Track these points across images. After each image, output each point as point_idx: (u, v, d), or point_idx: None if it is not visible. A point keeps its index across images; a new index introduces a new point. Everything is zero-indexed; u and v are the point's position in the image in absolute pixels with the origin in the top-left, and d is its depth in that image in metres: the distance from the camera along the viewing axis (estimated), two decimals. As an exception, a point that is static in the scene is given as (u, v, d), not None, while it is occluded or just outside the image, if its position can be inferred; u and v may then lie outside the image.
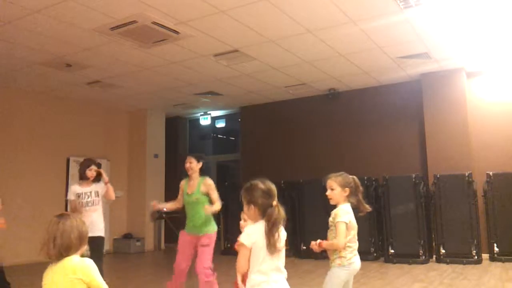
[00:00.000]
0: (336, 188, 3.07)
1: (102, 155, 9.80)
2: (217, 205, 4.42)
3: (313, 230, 8.23)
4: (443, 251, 7.19)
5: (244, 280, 2.48)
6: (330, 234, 3.04)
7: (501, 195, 7.16)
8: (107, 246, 9.60)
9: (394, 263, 7.28)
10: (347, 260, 2.93)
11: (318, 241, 2.99)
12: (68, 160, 9.11)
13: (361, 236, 8.38)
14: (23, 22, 5.35)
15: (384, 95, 8.68)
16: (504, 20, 5.76)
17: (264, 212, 2.41)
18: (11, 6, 4.91)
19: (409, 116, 8.40)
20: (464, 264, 6.90)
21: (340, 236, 2.90)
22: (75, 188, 4.78)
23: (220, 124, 11.50)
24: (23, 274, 7.27)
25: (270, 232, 2.37)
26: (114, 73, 7.58)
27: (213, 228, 4.50)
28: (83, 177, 4.82)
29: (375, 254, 7.70)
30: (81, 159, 9.08)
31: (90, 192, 4.78)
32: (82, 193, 4.74)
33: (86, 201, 4.73)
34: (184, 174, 4.72)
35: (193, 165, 4.53)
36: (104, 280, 2.19)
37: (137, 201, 10.25)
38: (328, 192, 3.11)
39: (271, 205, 2.44)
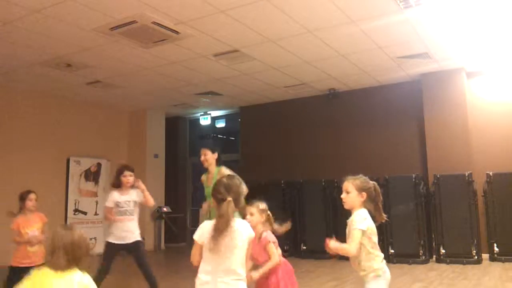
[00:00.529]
0: (352, 192, 2.80)
1: (102, 155, 9.81)
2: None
3: (313, 230, 8.24)
4: (443, 251, 7.19)
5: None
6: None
7: (501, 195, 7.16)
8: (107, 246, 9.60)
9: (394, 263, 7.28)
10: (381, 269, 2.73)
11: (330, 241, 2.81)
12: (68, 160, 9.11)
13: (361, 236, 8.30)
14: (23, 22, 5.35)
15: (384, 95, 8.67)
16: (504, 20, 5.76)
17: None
18: (11, 6, 4.91)
19: (409, 116, 8.40)
20: (464, 264, 6.90)
21: (353, 242, 2.71)
22: (115, 196, 4.67)
23: (220, 124, 11.50)
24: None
25: (214, 230, 2.25)
26: (114, 73, 7.58)
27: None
28: (118, 185, 4.71)
29: (375, 254, 7.69)
30: (81, 159, 9.22)
31: (129, 202, 4.65)
32: (121, 202, 4.63)
33: (124, 210, 4.62)
34: (202, 171, 4.63)
35: (208, 156, 4.45)
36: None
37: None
38: (343, 195, 2.86)
39: (224, 200, 2.31)
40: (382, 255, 2.77)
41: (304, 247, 8.16)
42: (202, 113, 11.04)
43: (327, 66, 7.45)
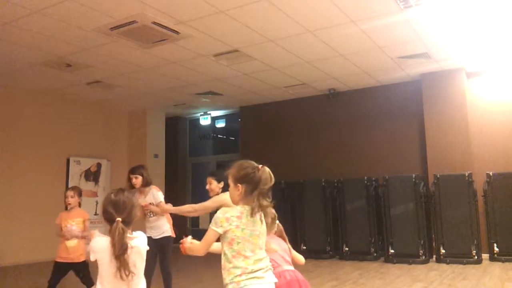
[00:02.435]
0: (230, 184, 2.23)
1: (102, 155, 9.81)
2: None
3: (313, 230, 8.25)
4: (443, 251, 7.19)
5: None
6: None
7: (501, 195, 7.16)
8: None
9: (394, 263, 7.28)
10: (234, 285, 2.07)
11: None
12: (68, 160, 9.11)
13: (361, 236, 8.40)
14: (23, 22, 5.35)
15: (384, 95, 8.67)
16: (504, 20, 5.76)
17: None
18: (11, 6, 4.91)
19: (409, 116, 8.39)
20: (464, 264, 6.90)
21: (203, 241, 2.19)
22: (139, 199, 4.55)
23: (220, 124, 11.50)
24: (25, 274, 7.27)
25: (113, 257, 2.04)
26: (114, 73, 7.58)
27: None
28: (131, 188, 4.60)
29: (375, 254, 7.70)
30: (81, 159, 9.22)
31: (152, 204, 4.61)
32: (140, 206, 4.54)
33: (148, 213, 4.63)
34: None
35: (213, 186, 4.25)
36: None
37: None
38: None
39: (113, 221, 2.10)
40: (246, 268, 2.07)
41: (304, 247, 8.16)
42: (202, 113, 11.04)
43: (327, 66, 7.45)
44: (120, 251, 2.00)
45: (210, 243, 2.15)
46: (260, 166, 2.17)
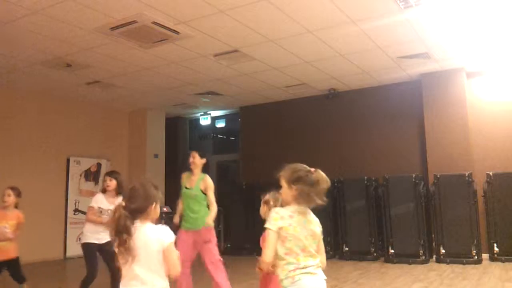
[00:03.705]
0: (283, 185, 2.36)
1: (102, 155, 9.81)
2: (213, 209, 4.44)
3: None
4: (443, 251, 7.19)
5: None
6: None
7: (501, 195, 7.16)
8: (107, 246, 9.60)
9: (394, 263, 7.28)
10: (289, 280, 2.18)
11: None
12: (68, 160, 9.11)
13: (361, 236, 8.39)
14: (23, 22, 5.35)
15: (384, 95, 8.67)
16: (504, 20, 5.76)
17: None
18: (11, 6, 4.91)
19: (409, 116, 8.39)
20: (464, 264, 6.90)
21: (267, 246, 2.19)
22: (99, 199, 4.61)
23: (220, 124, 11.50)
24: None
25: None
26: (114, 73, 7.58)
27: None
28: (103, 190, 4.67)
29: (375, 254, 7.70)
30: (81, 159, 9.22)
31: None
32: (104, 210, 4.56)
33: (106, 218, 4.51)
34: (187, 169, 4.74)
35: (196, 160, 4.57)
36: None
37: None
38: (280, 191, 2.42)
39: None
40: (299, 264, 2.17)
41: (304, 247, 8.16)
42: (202, 113, 11.04)
43: (327, 66, 7.45)
44: (116, 231, 2.11)
45: (274, 245, 2.18)
46: (313, 169, 2.31)
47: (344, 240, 7.99)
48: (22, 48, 6.25)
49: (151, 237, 2.16)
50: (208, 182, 4.55)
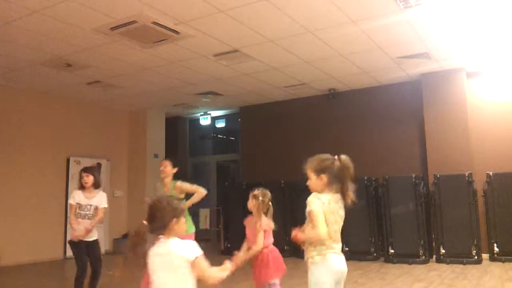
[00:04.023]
0: (311, 176, 2.50)
1: (102, 155, 9.81)
2: (198, 193, 4.46)
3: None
4: (443, 251, 7.19)
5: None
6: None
7: (501, 195, 7.16)
8: (107, 246, 9.61)
9: (394, 263, 7.28)
10: (319, 257, 2.43)
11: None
12: (68, 160, 9.11)
13: (361, 236, 8.38)
14: (23, 22, 5.35)
15: (384, 95, 8.67)
16: (504, 20, 5.76)
17: None
18: (11, 6, 4.91)
19: (409, 116, 8.40)
20: (464, 264, 6.90)
21: (319, 224, 2.36)
22: (77, 195, 4.70)
23: (220, 124, 11.50)
24: (25, 274, 7.26)
25: None
26: (114, 73, 7.58)
27: (189, 229, 4.48)
28: (80, 186, 4.77)
29: (375, 254, 7.70)
30: (81, 159, 9.22)
31: (91, 206, 4.71)
32: (82, 205, 4.67)
33: (85, 214, 4.68)
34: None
35: (168, 169, 4.53)
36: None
37: (137, 201, 10.25)
38: (308, 182, 2.55)
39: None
40: (330, 244, 2.40)
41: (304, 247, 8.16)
42: (202, 113, 11.04)
43: (327, 66, 7.45)
44: (128, 249, 2.16)
45: (324, 221, 2.34)
46: (336, 156, 2.46)
47: (344, 240, 7.92)
48: (22, 48, 6.25)
49: (174, 253, 2.13)
50: (179, 185, 4.49)
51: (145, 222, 2.22)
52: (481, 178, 7.40)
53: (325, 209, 2.35)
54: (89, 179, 4.68)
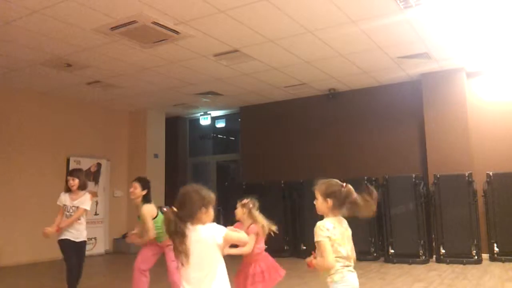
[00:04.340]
0: (318, 198, 2.66)
1: (102, 155, 9.81)
2: (148, 235, 4.42)
3: (313, 230, 8.23)
4: (443, 251, 7.19)
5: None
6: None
7: (501, 195, 7.16)
8: (107, 246, 9.61)
9: (394, 263, 7.28)
10: (337, 276, 2.56)
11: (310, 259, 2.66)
12: (68, 160, 9.11)
13: (361, 236, 8.39)
14: (23, 22, 5.35)
15: (384, 95, 8.68)
16: (504, 20, 5.76)
17: None
18: (11, 6, 4.91)
19: (409, 116, 8.40)
20: (464, 264, 6.90)
21: (326, 253, 2.52)
22: (63, 198, 4.85)
23: (220, 124, 11.50)
24: (25, 274, 7.26)
25: None
26: (114, 73, 7.58)
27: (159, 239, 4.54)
28: (67, 189, 4.89)
29: (375, 254, 7.70)
30: (81, 159, 9.22)
31: (75, 208, 4.82)
32: (68, 207, 4.81)
33: (70, 215, 4.79)
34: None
35: (137, 191, 4.47)
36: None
37: (137, 201, 10.24)
38: (315, 201, 2.70)
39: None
40: (345, 262, 2.58)
41: (304, 247, 8.15)
42: (202, 113, 11.04)
43: (327, 66, 7.46)
44: (168, 233, 2.24)
45: (331, 250, 2.51)
46: (344, 184, 2.67)
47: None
48: (22, 48, 6.25)
49: (203, 236, 2.25)
50: (143, 213, 4.45)
51: (174, 208, 2.28)
52: (481, 178, 7.40)
53: (332, 234, 2.55)
54: (75, 182, 4.82)
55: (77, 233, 4.79)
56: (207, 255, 2.24)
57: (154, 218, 4.47)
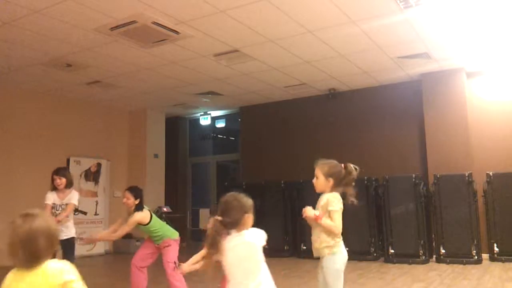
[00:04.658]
0: (320, 177, 2.97)
1: (102, 155, 9.81)
2: (120, 233, 4.62)
3: (312, 231, 8.23)
4: (443, 251, 7.19)
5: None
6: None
7: (501, 195, 7.16)
8: (107, 246, 9.61)
9: (394, 263, 7.28)
10: (337, 247, 2.94)
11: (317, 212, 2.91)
12: (68, 160, 9.10)
13: (361, 236, 8.38)
14: (23, 22, 5.35)
15: (384, 95, 8.67)
16: (504, 20, 5.76)
17: None
18: (11, 6, 4.91)
19: (409, 116, 8.39)
20: (464, 264, 6.90)
21: (338, 222, 2.89)
22: (51, 197, 4.90)
23: (220, 124, 11.50)
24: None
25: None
26: (114, 73, 7.58)
27: (173, 235, 4.70)
28: (52, 188, 4.94)
29: (375, 254, 7.70)
30: (81, 159, 9.22)
31: (65, 205, 4.89)
32: (56, 205, 4.87)
33: (58, 213, 4.83)
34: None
35: (130, 201, 4.53)
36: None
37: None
38: (314, 180, 3.00)
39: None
40: (341, 237, 2.95)
41: (304, 247, 8.15)
42: (202, 113, 11.04)
43: (327, 66, 7.45)
44: (208, 246, 2.27)
45: (341, 222, 2.86)
46: (344, 164, 2.96)
47: (344, 240, 7.96)
48: (22, 48, 6.25)
49: (252, 243, 2.29)
50: (134, 218, 4.55)
51: (218, 218, 2.31)
52: (481, 178, 7.40)
53: (342, 205, 2.87)
54: (62, 181, 4.89)
55: (67, 230, 4.84)
56: (252, 257, 2.29)
57: (148, 223, 4.55)
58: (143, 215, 4.52)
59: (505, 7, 5.36)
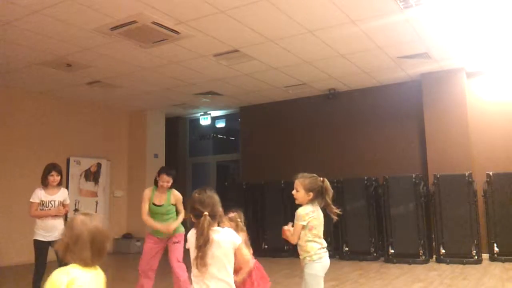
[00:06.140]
0: (300, 191, 3.11)
1: (102, 155, 9.81)
2: (182, 215, 4.69)
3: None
4: (443, 251, 7.19)
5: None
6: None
7: (501, 195, 7.16)
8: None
9: (394, 263, 7.28)
10: (316, 255, 3.07)
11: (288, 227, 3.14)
12: (68, 160, 9.11)
13: (361, 236, 8.38)
14: (23, 22, 5.35)
15: (384, 95, 8.67)
16: (504, 20, 5.76)
17: (197, 219, 2.40)
18: (11, 6, 4.91)
19: (409, 116, 8.39)
20: (464, 264, 6.90)
21: (295, 235, 3.09)
22: (40, 194, 4.85)
23: (220, 124, 11.50)
24: (25, 274, 7.26)
25: (196, 248, 2.33)
26: (114, 73, 7.58)
27: (181, 229, 4.72)
28: (45, 184, 4.88)
29: (375, 254, 7.70)
30: (81, 159, 9.22)
31: (54, 201, 4.85)
32: (46, 201, 4.82)
33: (49, 209, 4.80)
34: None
35: (170, 183, 4.70)
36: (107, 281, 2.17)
37: (137, 201, 10.17)
38: (294, 192, 3.16)
39: (200, 216, 2.37)
40: (323, 244, 3.11)
41: (304, 247, 8.16)
42: (202, 113, 11.04)
43: (327, 66, 7.45)
44: (202, 242, 2.30)
45: (299, 235, 3.05)
46: (322, 179, 3.13)
47: (344, 240, 7.98)
48: (22, 48, 6.25)
49: (225, 239, 2.39)
50: (179, 196, 4.76)
51: (205, 212, 2.37)
52: (481, 178, 7.41)
53: (311, 217, 3.05)
54: (58, 178, 4.90)
55: (56, 231, 4.75)
56: (225, 254, 2.37)
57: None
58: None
59: (505, 7, 5.36)
